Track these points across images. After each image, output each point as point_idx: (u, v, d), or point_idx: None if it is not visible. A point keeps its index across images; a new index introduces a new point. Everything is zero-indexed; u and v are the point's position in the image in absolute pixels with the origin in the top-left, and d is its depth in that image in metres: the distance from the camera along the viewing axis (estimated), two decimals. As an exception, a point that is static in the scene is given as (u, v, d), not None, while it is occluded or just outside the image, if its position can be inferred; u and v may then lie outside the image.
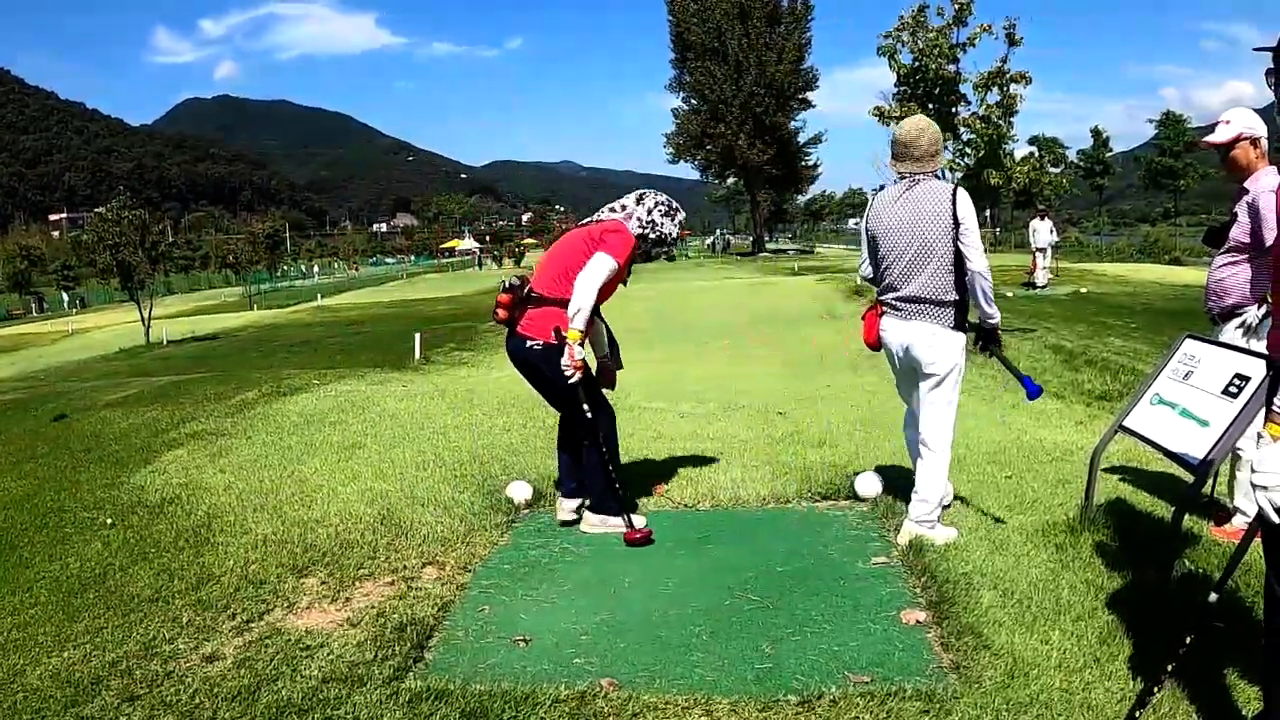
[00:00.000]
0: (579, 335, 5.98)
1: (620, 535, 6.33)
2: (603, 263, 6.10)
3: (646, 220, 6.58)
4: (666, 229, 6.66)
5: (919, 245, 5.71)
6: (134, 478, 8.12)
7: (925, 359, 5.89)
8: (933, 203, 5.68)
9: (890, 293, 5.92)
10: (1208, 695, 3.99)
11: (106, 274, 32.43)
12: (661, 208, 6.65)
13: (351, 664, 4.52)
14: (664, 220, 6.63)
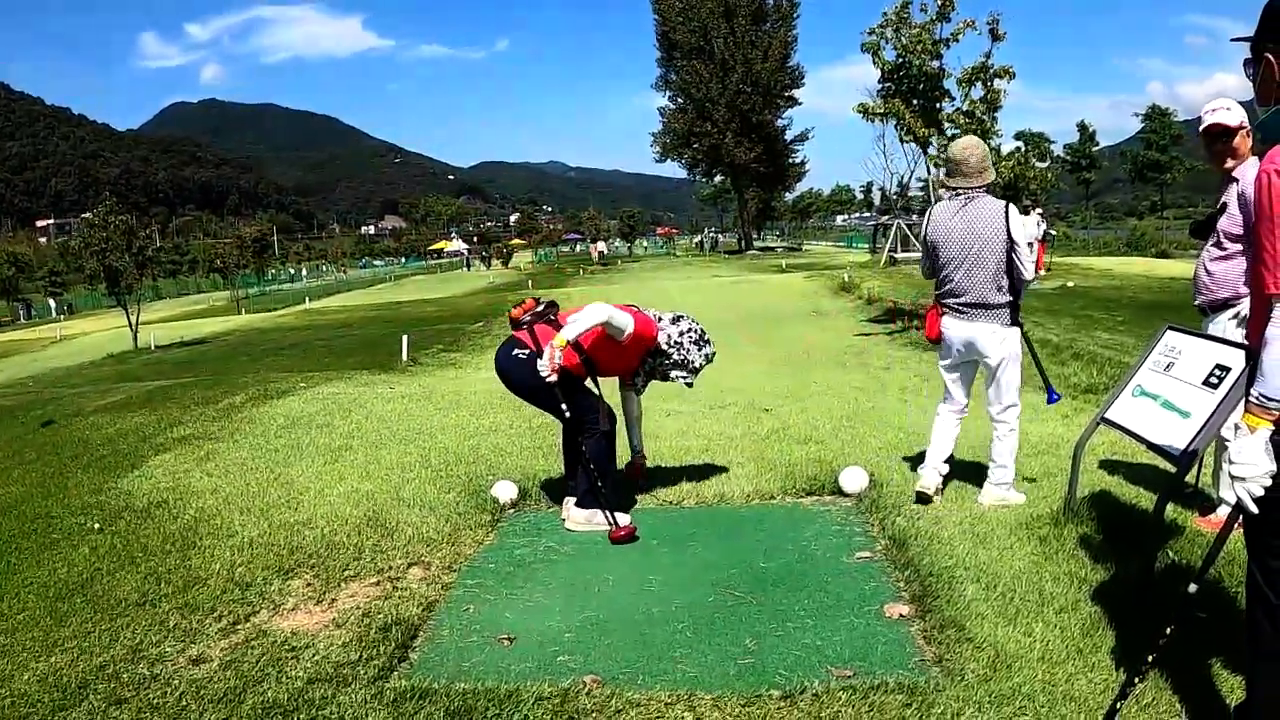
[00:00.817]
0: (565, 343, 6.02)
1: (604, 533, 6.34)
2: (623, 316, 6.25)
3: (675, 340, 6.72)
4: (691, 356, 6.78)
5: (976, 255, 6.38)
6: (121, 483, 8.12)
7: (991, 353, 6.54)
8: (988, 218, 6.34)
9: (951, 297, 6.58)
10: (1191, 685, 4.03)
11: (94, 280, 32.42)
12: (692, 335, 6.79)
13: (337, 664, 4.54)
14: (691, 347, 6.77)
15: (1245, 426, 3.13)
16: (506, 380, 6.57)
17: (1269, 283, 3.06)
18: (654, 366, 6.84)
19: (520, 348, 6.41)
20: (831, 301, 27.71)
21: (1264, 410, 3.09)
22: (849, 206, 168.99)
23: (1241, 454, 3.13)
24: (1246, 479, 3.13)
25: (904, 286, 29.72)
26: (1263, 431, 3.10)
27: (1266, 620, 3.33)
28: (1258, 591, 3.36)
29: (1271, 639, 3.33)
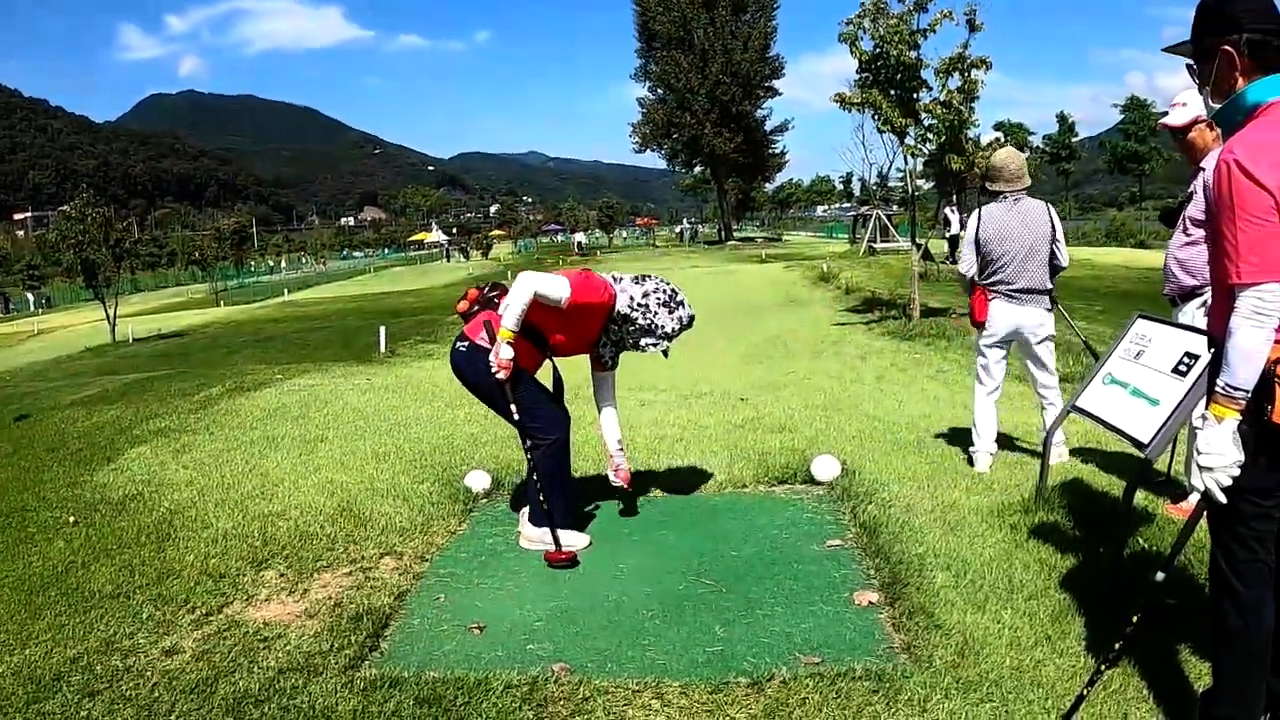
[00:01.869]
0: (509, 334, 5.66)
1: (580, 522, 6.36)
2: (554, 282, 5.74)
3: (638, 303, 6.09)
4: (659, 319, 6.11)
5: (1031, 248, 7.24)
6: (97, 476, 8.10)
7: (1039, 332, 7.42)
8: (1036, 215, 7.28)
9: (1005, 284, 7.33)
10: (1159, 672, 4.08)
11: (71, 273, 32.29)
12: (661, 295, 6.15)
13: (308, 654, 4.56)
14: (659, 309, 6.10)
15: (1212, 417, 3.16)
16: (459, 376, 6.21)
17: (1231, 272, 3.11)
18: (621, 335, 6.21)
19: (462, 340, 6.10)
20: (810, 291, 27.75)
21: (1230, 400, 3.13)
22: (829, 197, 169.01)
23: (1209, 444, 3.16)
24: (1214, 469, 3.16)
25: (882, 276, 29.84)
26: (1229, 421, 3.13)
27: (1232, 609, 3.39)
28: (1223, 580, 3.41)
29: (1237, 627, 3.39)
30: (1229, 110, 3.35)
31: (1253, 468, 3.19)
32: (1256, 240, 3.06)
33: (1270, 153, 3.07)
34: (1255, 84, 3.24)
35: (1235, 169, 3.08)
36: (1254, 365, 3.08)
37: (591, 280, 5.93)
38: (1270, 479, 3.27)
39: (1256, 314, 3.05)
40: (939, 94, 17.03)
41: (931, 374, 12.43)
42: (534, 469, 5.95)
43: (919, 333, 16.45)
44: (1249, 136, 3.18)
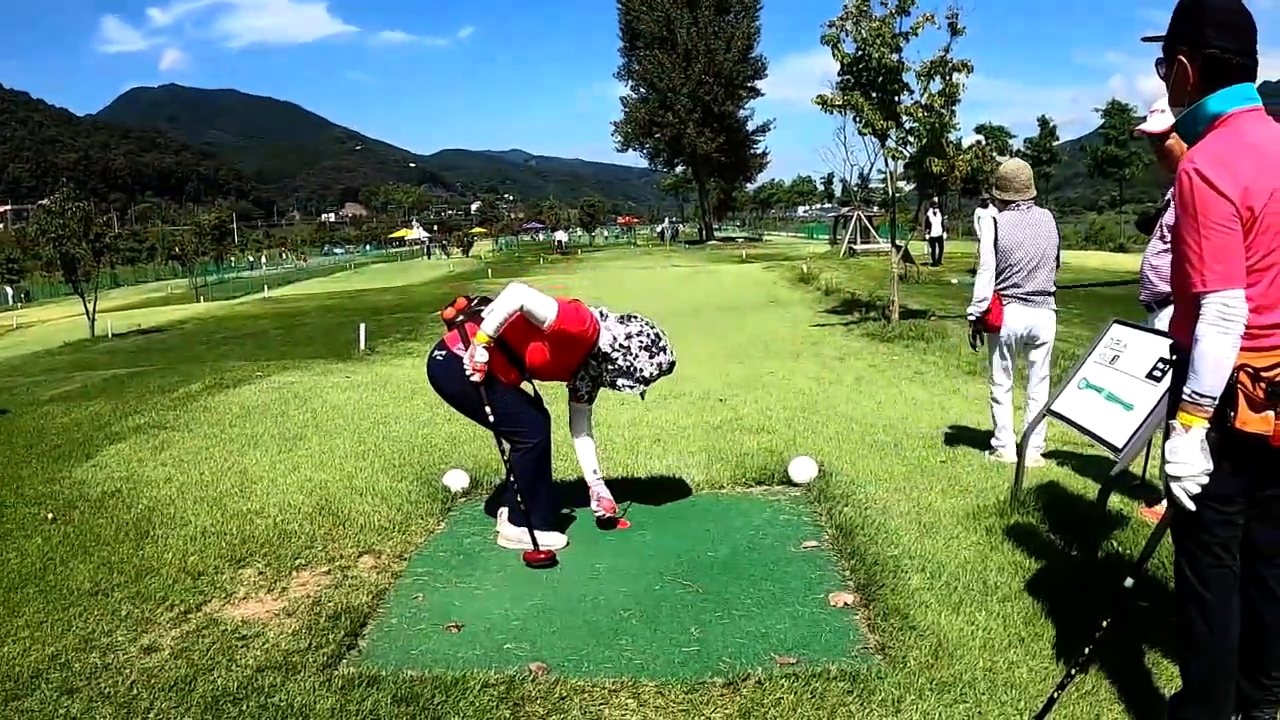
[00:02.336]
0: (486, 339, 5.62)
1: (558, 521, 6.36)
2: (543, 301, 5.63)
3: (620, 344, 5.98)
4: (639, 364, 5.99)
5: (1040, 253, 7.59)
6: (75, 472, 8.09)
7: (1045, 333, 7.76)
8: (1045, 223, 7.68)
9: (1016, 288, 7.62)
10: (1130, 674, 4.13)
11: (51, 267, 32.17)
12: (643, 339, 6.01)
13: (286, 652, 4.57)
14: (640, 353, 5.98)
15: (1179, 425, 3.20)
16: (435, 386, 6.14)
17: (1195, 281, 3.15)
18: (599, 372, 6.15)
19: (440, 349, 6.03)
20: (789, 292, 27.79)
21: (1197, 408, 3.16)
22: (810, 198, 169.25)
23: (1177, 453, 3.20)
24: (1182, 478, 3.20)
25: (862, 278, 29.89)
26: (1197, 430, 3.16)
27: (1198, 615, 3.44)
28: (1188, 586, 3.46)
29: (1203, 633, 3.44)
30: (1189, 119, 3.42)
31: (1216, 473, 3.22)
32: (1219, 248, 3.11)
33: (1230, 162, 3.13)
34: (1216, 95, 3.29)
35: (1197, 178, 3.14)
36: (1220, 373, 3.12)
37: (579, 311, 5.83)
38: (1233, 484, 3.32)
39: (1222, 320, 3.09)
40: (920, 97, 17.08)
41: (910, 376, 12.48)
42: (511, 470, 5.94)
43: (898, 334, 16.49)
44: (1209, 146, 3.24)
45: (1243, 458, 3.27)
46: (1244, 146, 3.18)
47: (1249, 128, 3.24)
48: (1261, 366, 3.18)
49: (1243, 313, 3.09)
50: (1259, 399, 3.17)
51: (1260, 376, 3.17)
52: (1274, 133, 3.25)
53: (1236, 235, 3.11)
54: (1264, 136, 3.22)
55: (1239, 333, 3.10)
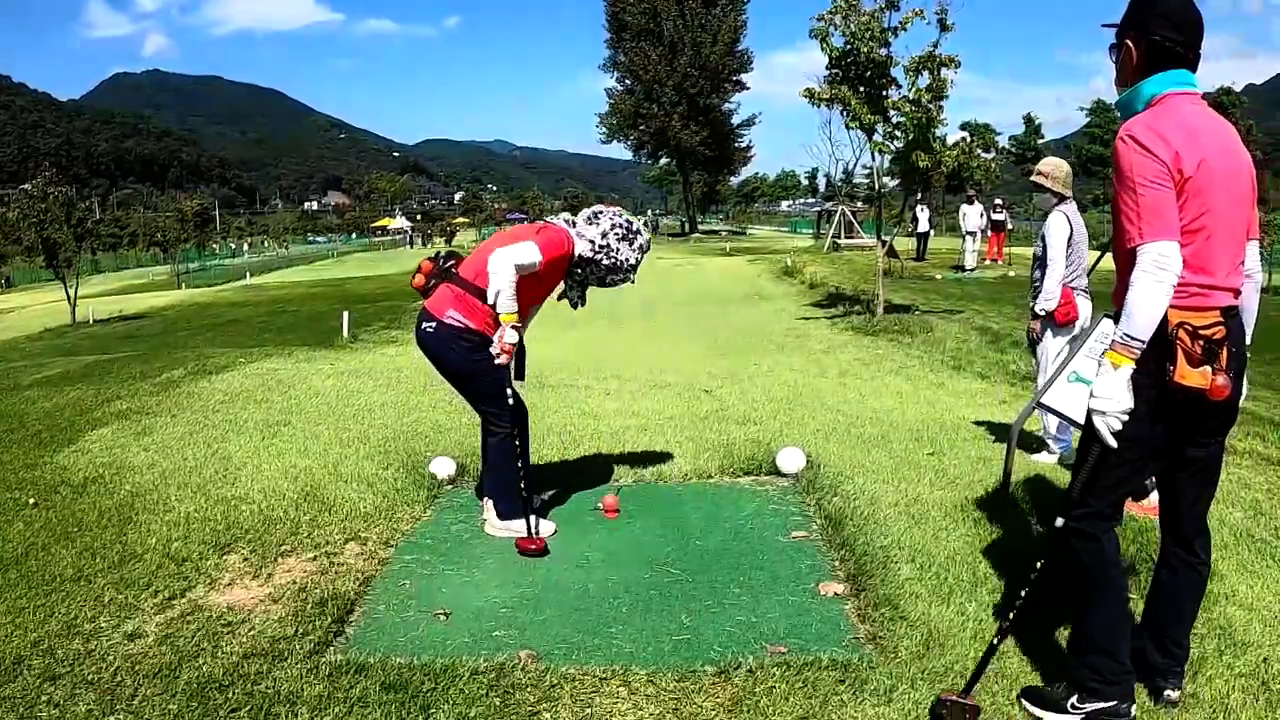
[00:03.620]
0: (512, 317, 5.56)
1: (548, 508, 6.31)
2: (525, 250, 5.56)
3: (600, 245, 6.00)
4: (623, 255, 6.04)
5: (1086, 247, 7.71)
6: (57, 457, 8.02)
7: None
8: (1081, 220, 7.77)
9: (1082, 280, 7.71)
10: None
11: (32, 252, 31.95)
12: (619, 230, 6.04)
13: (273, 639, 4.54)
14: (620, 245, 6.02)
15: (1108, 363, 3.40)
16: (431, 359, 6.02)
17: (1132, 234, 3.38)
18: (586, 276, 6.11)
19: (428, 320, 5.87)
20: (774, 285, 27.81)
21: (1127, 349, 3.37)
22: (794, 192, 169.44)
23: (1103, 388, 3.40)
24: (1106, 412, 3.40)
25: (846, 272, 29.90)
26: (1125, 369, 3.38)
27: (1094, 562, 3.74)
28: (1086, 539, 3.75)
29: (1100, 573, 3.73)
30: (1128, 99, 3.69)
31: (1143, 422, 3.47)
32: (1153, 203, 3.35)
33: (1161, 131, 3.39)
34: (1154, 78, 3.60)
35: (1130, 142, 3.41)
36: (1151, 316, 3.33)
37: (552, 235, 5.80)
38: (1159, 437, 3.57)
39: (1156, 268, 3.30)
40: (908, 92, 17.08)
41: (894, 369, 12.49)
42: (513, 459, 5.91)
43: (882, 329, 16.51)
44: (1143, 118, 3.50)
45: (1176, 410, 3.49)
46: (1177, 121, 3.44)
47: (1182, 108, 3.51)
48: (1200, 325, 3.42)
49: (1176, 263, 3.31)
50: (1197, 355, 3.38)
51: (1198, 334, 3.39)
52: (1204, 114, 3.55)
53: (1169, 192, 3.35)
54: (1195, 117, 3.51)
55: (1171, 282, 3.31)
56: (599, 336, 17.00)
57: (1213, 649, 4.31)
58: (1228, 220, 3.48)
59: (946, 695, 3.85)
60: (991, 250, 34.24)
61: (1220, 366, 3.40)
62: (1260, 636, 4.46)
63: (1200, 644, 4.32)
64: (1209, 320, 3.45)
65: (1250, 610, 4.74)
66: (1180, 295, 3.39)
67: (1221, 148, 3.47)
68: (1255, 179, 3.66)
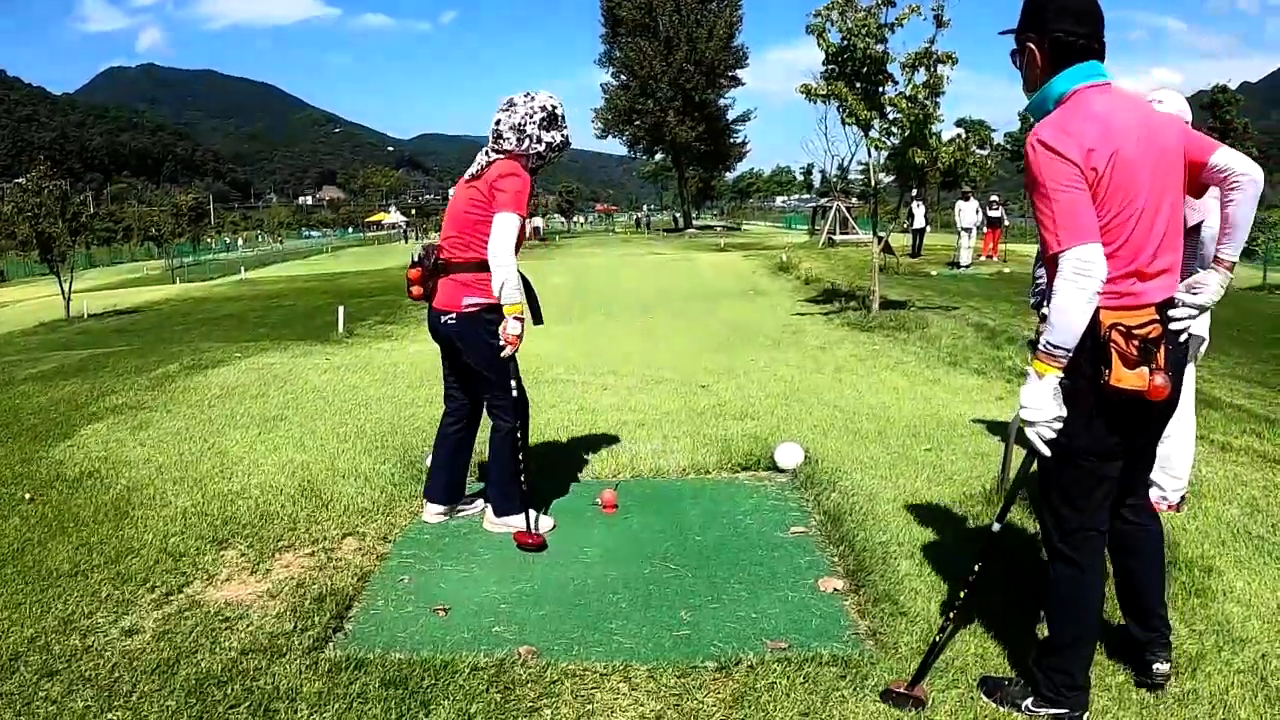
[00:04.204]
0: (519, 307, 5.56)
1: (546, 504, 6.31)
2: (508, 224, 5.52)
3: (526, 133, 5.80)
4: (553, 138, 5.92)
5: None
6: (53, 452, 8.01)
7: None
8: None
9: None
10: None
11: (26, 246, 31.85)
12: (539, 118, 5.84)
13: (271, 635, 4.52)
14: (546, 133, 5.88)
15: (1034, 372, 3.39)
16: (448, 347, 6.05)
17: (1051, 242, 3.35)
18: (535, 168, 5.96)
19: (445, 315, 5.83)
20: (769, 281, 27.82)
21: (1051, 358, 3.35)
22: (789, 188, 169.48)
23: (1031, 399, 3.39)
24: (1036, 423, 3.39)
25: (842, 268, 29.92)
26: (1050, 378, 3.37)
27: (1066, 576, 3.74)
28: (1053, 545, 3.77)
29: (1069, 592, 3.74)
30: (1040, 100, 3.64)
31: (1089, 429, 3.47)
32: (1068, 207, 3.31)
33: (1071, 129, 3.35)
34: (1061, 75, 3.55)
35: (1040, 147, 3.36)
36: (1075, 324, 3.30)
37: (515, 177, 5.67)
38: (1110, 440, 3.53)
39: (1076, 275, 3.27)
40: (905, 88, 17.07)
41: (890, 365, 12.49)
42: (514, 453, 5.88)
43: (878, 324, 16.52)
44: (1052, 119, 3.46)
45: (1119, 413, 3.47)
46: (1086, 115, 3.41)
47: (1093, 100, 3.47)
48: (1133, 325, 3.40)
49: (1099, 268, 3.27)
50: (1132, 356, 3.37)
51: (1133, 334, 3.38)
52: (1118, 101, 3.49)
53: (1084, 195, 3.31)
54: (1108, 106, 3.45)
55: (1094, 288, 3.27)
56: (595, 332, 17.00)
57: (1211, 645, 4.31)
58: (1155, 206, 3.44)
59: (895, 685, 3.91)
60: (987, 247, 34.28)
61: (1158, 366, 3.38)
62: (1258, 633, 4.45)
63: (1199, 640, 4.34)
64: (1143, 319, 3.43)
65: (1248, 606, 4.73)
66: (1111, 296, 3.38)
67: (1140, 135, 3.43)
68: (1188, 153, 3.62)
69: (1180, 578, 5.01)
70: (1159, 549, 4.01)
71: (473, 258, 5.69)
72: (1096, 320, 3.36)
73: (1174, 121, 3.65)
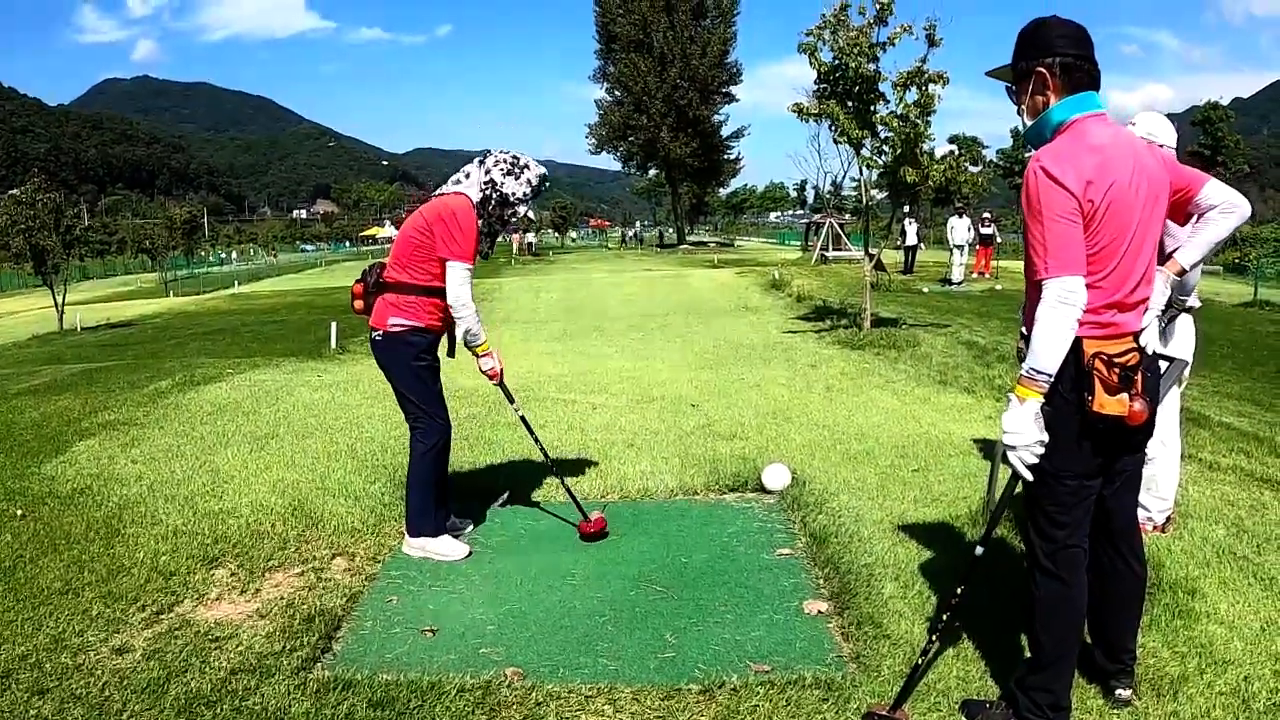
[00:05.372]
0: (487, 345, 5.97)
1: (533, 526, 6.36)
2: (460, 273, 5.75)
3: (484, 181, 5.96)
4: (509, 188, 5.99)
5: None
6: (45, 468, 8.03)
7: None
8: None
9: None
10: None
11: (20, 258, 31.78)
12: (503, 165, 6.01)
13: (260, 655, 4.56)
14: (505, 179, 5.99)
15: (1015, 398, 3.46)
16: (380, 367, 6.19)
17: (1039, 268, 3.43)
18: (486, 222, 6.03)
19: (374, 331, 6.03)
20: (761, 298, 27.81)
21: (1033, 383, 3.43)
22: (783, 204, 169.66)
23: (1013, 424, 3.45)
24: (1018, 447, 3.46)
25: (834, 285, 29.94)
26: (1032, 402, 3.44)
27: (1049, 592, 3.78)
28: (1040, 565, 3.79)
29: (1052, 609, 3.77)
30: (1038, 127, 3.70)
31: (1077, 451, 3.56)
32: (1061, 238, 3.39)
33: (1073, 160, 3.42)
34: (1059, 105, 3.62)
35: (1042, 174, 3.42)
36: (1056, 350, 3.39)
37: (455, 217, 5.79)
38: (1093, 463, 3.62)
39: (1061, 303, 3.36)
40: (896, 107, 17.11)
41: (881, 384, 12.50)
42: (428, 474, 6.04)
43: (869, 342, 16.52)
44: (1054, 147, 3.53)
45: (1101, 437, 3.55)
46: (1086, 147, 3.48)
47: (1092, 130, 3.54)
48: (1114, 353, 3.49)
49: (1081, 298, 3.37)
50: (1113, 383, 3.46)
51: (1114, 362, 3.47)
52: (1114, 134, 3.57)
53: (1077, 228, 3.41)
54: (1106, 137, 3.53)
55: (1075, 316, 3.37)
56: (587, 350, 17.02)
57: (1194, 667, 4.33)
58: (1143, 237, 3.56)
59: (877, 708, 3.95)
60: (979, 264, 34.39)
61: (1136, 392, 3.49)
62: (1241, 654, 4.47)
63: (1181, 662, 4.37)
64: (1123, 347, 3.54)
65: (1231, 628, 4.76)
66: (1094, 326, 3.49)
67: (1134, 168, 3.52)
68: (1175, 183, 3.80)
69: (1164, 599, 5.04)
70: (1140, 594, 4.09)
71: (404, 280, 5.86)
72: (1080, 349, 3.46)
73: (1159, 153, 3.74)
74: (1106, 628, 4.06)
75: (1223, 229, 3.97)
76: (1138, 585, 4.04)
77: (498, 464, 8.02)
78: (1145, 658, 4.33)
